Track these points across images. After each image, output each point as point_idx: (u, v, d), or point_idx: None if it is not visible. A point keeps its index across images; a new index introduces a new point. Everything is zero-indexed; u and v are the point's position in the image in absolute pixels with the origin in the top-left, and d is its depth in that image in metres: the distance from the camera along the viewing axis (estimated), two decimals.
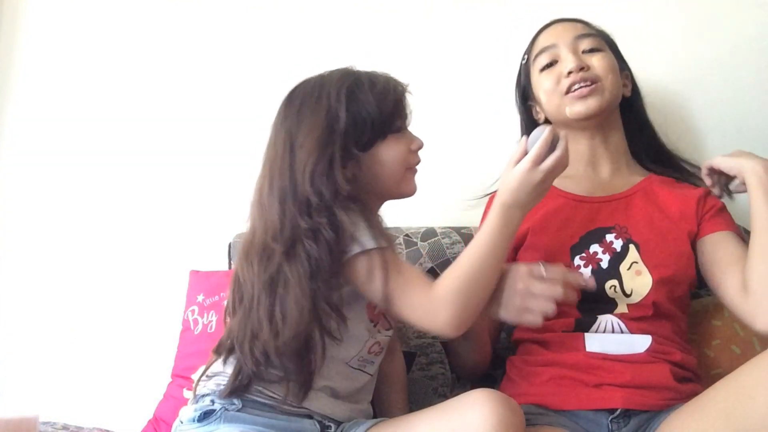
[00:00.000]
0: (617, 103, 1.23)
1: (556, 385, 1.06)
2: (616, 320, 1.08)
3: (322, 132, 0.97)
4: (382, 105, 1.00)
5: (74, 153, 1.70)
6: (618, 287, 1.10)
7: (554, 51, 1.22)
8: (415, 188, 1.06)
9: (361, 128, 0.98)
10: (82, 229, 1.67)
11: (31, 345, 1.64)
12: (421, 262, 1.40)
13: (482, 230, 0.97)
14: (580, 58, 1.19)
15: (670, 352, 1.06)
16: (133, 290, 1.63)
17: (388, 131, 1.01)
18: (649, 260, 1.11)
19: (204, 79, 1.68)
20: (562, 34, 1.22)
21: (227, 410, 0.96)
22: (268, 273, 0.96)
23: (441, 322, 0.94)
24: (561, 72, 1.19)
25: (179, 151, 1.66)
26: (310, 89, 1.02)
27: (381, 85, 1.02)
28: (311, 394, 0.98)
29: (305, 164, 0.96)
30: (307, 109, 1.00)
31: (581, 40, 1.21)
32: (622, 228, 1.15)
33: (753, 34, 1.49)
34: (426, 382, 1.34)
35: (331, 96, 0.99)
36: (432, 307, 0.94)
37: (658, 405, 1.02)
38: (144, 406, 1.39)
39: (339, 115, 0.98)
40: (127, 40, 1.72)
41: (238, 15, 1.69)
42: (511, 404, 0.86)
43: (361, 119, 0.99)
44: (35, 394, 1.61)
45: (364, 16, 1.64)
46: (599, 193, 1.21)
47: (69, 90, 1.73)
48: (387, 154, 1.01)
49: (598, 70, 1.18)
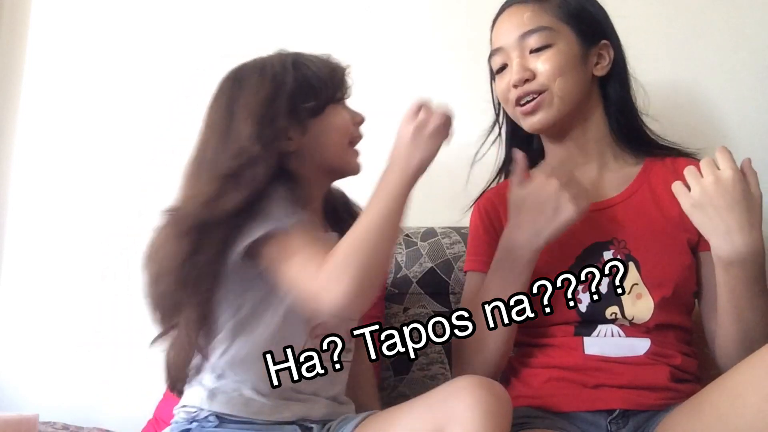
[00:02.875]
0: (576, 101, 1.11)
1: (554, 387, 1.05)
2: (617, 329, 1.07)
3: (268, 93, 0.96)
4: (327, 72, 1.00)
5: (76, 153, 1.70)
6: (619, 313, 1.06)
7: (502, 55, 1.13)
8: (360, 167, 1.04)
9: (308, 92, 0.98)
10: (83, 228, 1.67)
11: (32, 345, 1.64)
12: (421, 262, 1.40)
13: (368, 202, 0.92)
14: (523, 67, 1.09)
15: (670, 356, 1.05)
16: (133, 289, 1.62)
17: (332, 99, 1.01)
18: (649, 279, 1.05)
19: (204, 80, 1.67)
20: (507, 32, 1.12)
21: (203, 428, 0.95)
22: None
23: (336, 299, 0.86)
24: (509, 81, 1.11)
25: (180, 151, 1.66)
26: (251, 66, 1.02)
27: (323, 58, 1.03)
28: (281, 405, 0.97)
29: (247, 124, 0.93)
30: (250, 80, 0.99)
31: (525, 38, 1.10)
32: (620, 242, 1.08)
33: (753, 34, 1.49)
34: (426, 382, 1.34)
35: (275, 66, 0.99)
36: (324, 283, 0.87)
37: (657, 405, 1.01)
38: (144, 406, 1.39)
39: (286, 80, 0.97)
40: (127, 40, 1.73)
41: (240, 15, 1.69)
42: (498, 391, 0.85)
43: (308, 83, 0.98)
44: (35, 394, 1.61)
45: (363, 19, 1.64)
46: (595, 198, 1.13)
47: (68, 90, 1.73)
48: (332, 122, 1.00)
49: (543, 76, 1.08)
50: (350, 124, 1.03)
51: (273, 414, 0.98)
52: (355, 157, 1.04)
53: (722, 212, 0.94)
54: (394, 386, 1.35)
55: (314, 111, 0.99)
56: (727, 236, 0.95)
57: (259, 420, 0.97)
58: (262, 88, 0.96)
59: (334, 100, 1.02)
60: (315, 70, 0.99)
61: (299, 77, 0.98)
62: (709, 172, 0.95)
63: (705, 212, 0.96)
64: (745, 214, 0.94)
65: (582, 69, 1.11)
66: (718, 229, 0.95)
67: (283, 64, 0.99)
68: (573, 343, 1.07)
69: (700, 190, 0.96)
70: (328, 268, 0.87)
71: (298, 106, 0.96)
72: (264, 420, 0.97)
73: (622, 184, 1.15)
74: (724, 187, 0.94)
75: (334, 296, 0.86)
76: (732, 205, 0.94)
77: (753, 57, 1.49)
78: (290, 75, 0.97)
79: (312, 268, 0.88)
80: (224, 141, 0.96)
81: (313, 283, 0.88)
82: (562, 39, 1.10)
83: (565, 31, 1.11)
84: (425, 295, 1.38)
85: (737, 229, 0.94)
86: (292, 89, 0.97)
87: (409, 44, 1.62)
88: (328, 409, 1.02)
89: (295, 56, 1.01)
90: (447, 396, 0.86)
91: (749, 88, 1.48)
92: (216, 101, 1.02)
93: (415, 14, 1.63)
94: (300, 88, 0.97)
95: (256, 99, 0.96)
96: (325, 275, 0.87)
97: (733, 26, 1.50)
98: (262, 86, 0.97)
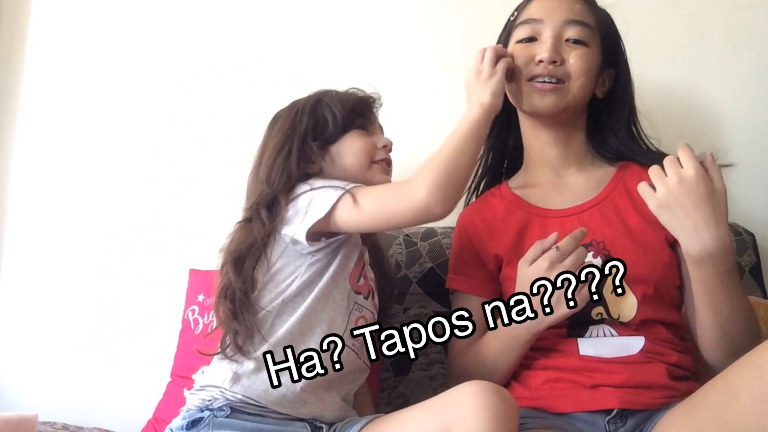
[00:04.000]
0: (581, 106, 1.15)
1: (552, 388, 1.05)
2: (608, 328, 1.07)
3: (285, 132, 1.13)
4: (345, 105, 1.14)
5: (75, 153, 1.70)
6: (604, 313, 1.07)
7: (538, 27, 1.12)
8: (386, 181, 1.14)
9: (321, 126, 1.13)
10: (82, 228, 1.67)
11: (31, 345, 1.64)
12: (421, 262, 1.40)
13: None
14: (557, 49, 1.09)
15: (665, 354, 1.05)
16: (133, 289, 1.63)
17: (350, 127, 1.14)
18: (630, 278, 1.05)
19: (204, 80, 1.68)
20: (553, 11, 1.12)
21: (216, 417, 0.98)
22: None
23: (421, 195, 0.97)
24: (534, 54, 1.11)
25: (180, 150, 1.67)
26: (288, 107, 1.18)
27: (347, 92, 1.18)
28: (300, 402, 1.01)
29: (267, 158, 1.13)
30: (281, 120, 1.16)
31: (570, 26, 1.11)
32: (599, 244, 1.09)
33: (752, 36, 1.49)
34: (426, 383, 1.34)
35: (299, 107, 1.16)
36: (409, 186, 0.99)
37: (655, 404, 1.01)
38: (144, 406, 1.39)
39: (303, 120, 1.13)
40: (127, 40, 1.72)
41: (240, 15, 1.69)
42: (505, 395, 0.87)
43: (322, 118, 1.13)
44: (35, 394, 1.61)
45: (363, 19, 1.65)
46: (570, 202, 1.14)
47: (68, 90, 1.73)
48: (349, 146, 1.13)
49: (572, 69, 1.10)
50: (370, 146, 1.14)
51: (291, 407, 1.01)
52: (378, 175, 1.13)
53: (688, 210, 0.95)
54: (394, 386, 1.35)
55: (327, 141, 1.13)
56: (694, 233, 0.96)
57: (273, 412, 1.00)
58: (283, 129, 1.14)
59: (353, 128, 1.14)
60: (331, 105, 1.14)
61: (317, 114, 1.14)
62: (672, 172, 0.97)
63: (671, 211, 0.97)
64: (711, 210, 0.95)
65: (594, 81, 1.14)
66: (685, 228, 0.96)
67: (305, 104, 1.16)
68: (567, 344, 1.07)
69: (665, 190, 0.97)
70: (414, 177, 1.00)
71: (308, 140, 1.12)
72: (278, 412, 1.00)
73: (598, 186, 1.16)
74: (688, 186, 0.95)
75: (421, 193, 0.98)
76: (697, 202, 0.95)
77: (752, 58, 1.49)
78: (307, 114, 1.14)
79: (395, 186, 1.04)
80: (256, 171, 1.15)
81: (400, 192, 1.00)
82: (595, 44, 1.13)
83: (598, 41, 1.14)
84: (425, 295, 1.38)
85: (704, 226, 0.95)
86: (306, 127, 1.13)
87: (409, 44, 1.62)
88: (340, 412, 1.05)
89: (320, 94, 1.17)
90: (454, 399, 0.88)
91: (748, 89, 1.49)
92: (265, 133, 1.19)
93: (415, 14, 1.63)
94: (314, 124, 1.13)
95: (277, 138, 1.14)
96: (410, 181, 1.00)
97: (733, 28, 1.51)
98: (283, 127, 1.14)
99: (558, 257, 0.99)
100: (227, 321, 1.03)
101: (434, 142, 1.03)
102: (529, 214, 1.16)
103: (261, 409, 1.00)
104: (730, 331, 1.01)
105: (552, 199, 1.16)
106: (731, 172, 1.47)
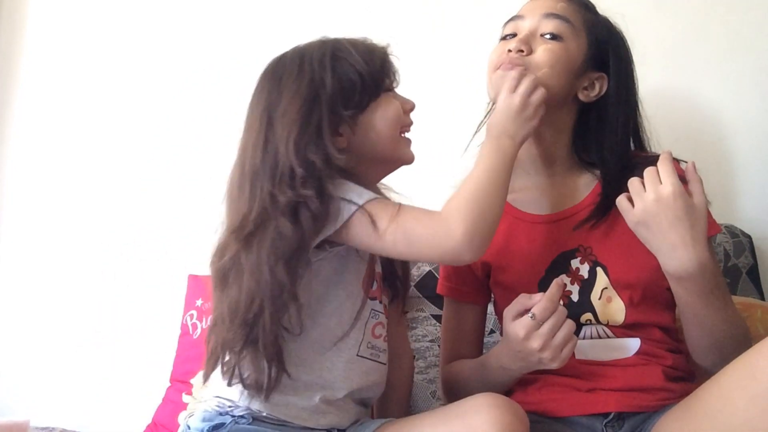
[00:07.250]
0: (556, 102, 1.06)
1: (550, 392, 1.05)
2: (601, 328, 1.06)
3: (306, 99, 0.92)
4: (370, 63, 0.96)
5: (75, 153, 1.70)
6: (593, 319, 1.06)
7: (519, 23, 1.09)
8: (413, 156, 1.02)
9: (349, 90, 0.94)
10: (80, 232, 1.67)
11: (29, 350, 1.64)
12: (419, 265, 1.40)
13: (478, 162, 0.94)
14: (526, 41, 1.05)
15: (661, 356, 1.05)
16: (131, 294, 1.63)
17: (380, 90, 0.98)
18: (618, 283, 1.04)
19: (204, 80, 1.68)
20: (535, 8, 1.09)
21: (237, 423, 0.94)
22: (219, 268, 0.93)
23: (457, 236, 0.87)
24: (507, 47, 1.07)
25: (178, 154, 1.67)
26: (289, 61, 0.97)
27: (364, 45, 0.98)
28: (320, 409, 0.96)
29: (288, 134, 0.91)
30: (288, 80, 0.95)
31: (547, 19, 1.06)
32: (586, 249, 1.07)
33: (751, 37, 1.49)
34: (425, 386, 1.34)
35: (314, 63, 0.95)
36: (443, 224, 0.89)
37: (652, 406, 1.01)
38: (143, 410, 1.39)
39: (324, 81, 0.93)
40: (126, 40, 1.73)
41: (239, 15, 1.69)
42: (517, 410, 0.86)
43: (349, 81, 0.94)
44: (33, 399, 1.61)
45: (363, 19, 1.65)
46: (557, 207, 1.11)
47: (68, 89, 1.73)
48: (381, 115, 0.97)
49: (535, 60, 1.04)
50: (400, 112, 0.99)
51: (311, 420, 0.96)
52: (407, 147, 1.01)
53: (664, 230, 0.93)
54: None
55: (358, 107, 0.95)
56: (672, 252, 0.94)
57: (294, 423, 0.95)
58: (299, 95, 0.93)
59: (383, 89, 0.98)
60: (354, 63, 0.95)
61: (340, 73, 0.94)
62: (651, 189, 0.94)
63: (649, 229, 0.95)
64: (689, 229, 0.93)
65: (570, 80, 1.07)
66: (662, 246, 0.94)
67: (321, 61, 0.95)
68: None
69: (643, 208, 0.95)
70: (447, 213, 0.89)
71: (338, 108, 0.93)
72: (299, 425, 0.95)
73: (583, 190, 1.12)
74: (665, 204, 0.93)
75: (459, 232, 0.87)
76: (674, 221, 0.93)
77: (750, 60, 1.49)
78: (329, 74, 0.94)
79: (425, 217, 0.90)
80: (263, 151, 0.93)
81: (432, 227, 0.89)
82: (574, 41, 1.07)
83: (581, 40, 1.08)
84: (423, 298, 1.38)
85: (681, 246, 0.93)
86: (333, 91, 0.93)
87: (409, 44, 1.61)
88: (356, 416, 1.01)
89: (333, 48, 0.96)
90: (466, 411, 0.87)
91: (746, 91, 1.49)
92: (255, 102, 0.99)
93: (415, 14, 1.63)
94: (341, 88, 0.94)
95: (295, 106, 0.92)
96: (450, 214, 0.89)
97: (732, 29, 1.51)
98: (299, 92, 0.93)
99: (534, 326, 0.94)
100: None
101: (434, 142, 1.01)
102: (515, 219, 1.13)
103: (281, 420, 0.95)
104: (716, 341, 1.00)
105: (538, 204, 1.13)
106: (728, 175, 1.48)
